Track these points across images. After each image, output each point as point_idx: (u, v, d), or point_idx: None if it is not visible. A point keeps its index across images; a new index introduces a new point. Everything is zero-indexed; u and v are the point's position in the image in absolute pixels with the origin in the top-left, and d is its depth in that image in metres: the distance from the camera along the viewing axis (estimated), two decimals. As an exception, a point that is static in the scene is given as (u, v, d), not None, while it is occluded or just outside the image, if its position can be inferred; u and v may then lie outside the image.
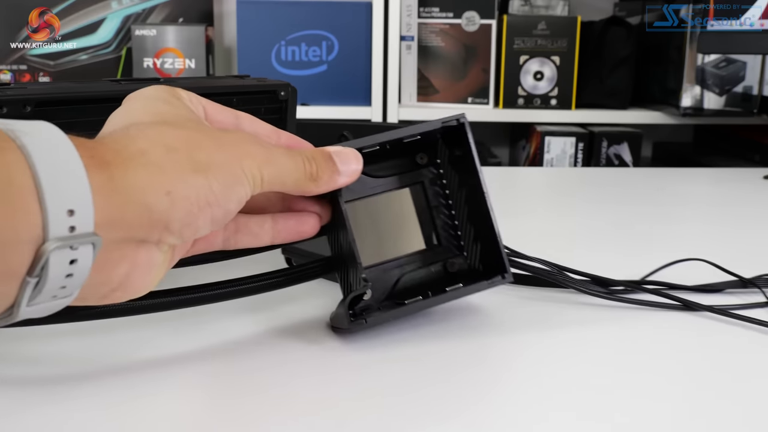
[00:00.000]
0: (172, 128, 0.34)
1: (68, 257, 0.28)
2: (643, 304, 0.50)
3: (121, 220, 0.30)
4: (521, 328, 0.46)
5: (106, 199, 0.29)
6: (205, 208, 0.34)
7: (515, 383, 0.39)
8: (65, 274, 0.29)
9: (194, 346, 0.43)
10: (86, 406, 0.36)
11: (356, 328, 0.42)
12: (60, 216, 0.28)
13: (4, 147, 0.27)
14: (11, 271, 0.28)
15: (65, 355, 0.41)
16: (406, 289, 0.46)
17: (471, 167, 0.46)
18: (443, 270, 0.48)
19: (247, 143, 0.36)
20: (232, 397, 0.37)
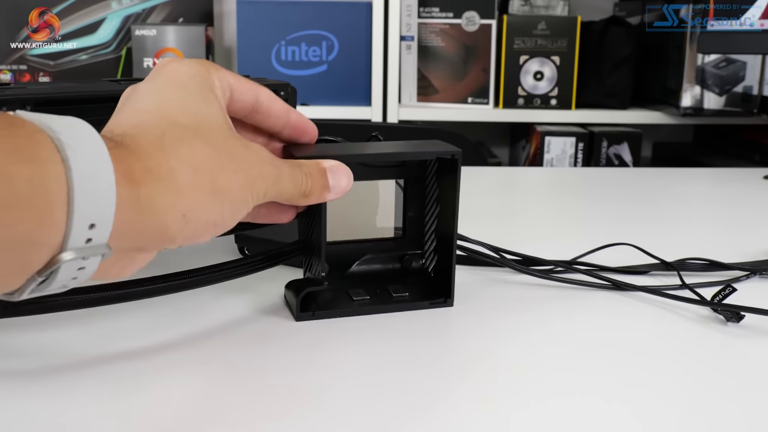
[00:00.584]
0: (202, 144, 0.35)
1: (78, 265, 0.30)
2: (575, 283, 0.55)
3: (136, 235, 0.32)
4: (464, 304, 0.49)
5: (127, 215, 0.31)
6: (211, 228, 0.36)
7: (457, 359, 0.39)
8: (71, 277, 0.30)
9: (175, 334, 0.43)
10: (68, 396, 0.36)
11: (304, 319, 0.46)
12: (82, 230, 0.29)
13: (48, 158, 0.28)
14: (26, 270, 0.29)
15: (44, 347, 0.41)
16: (360, 275, 0.50)
17: (452, 196, 0.48)
18: (399, 264, 0.51)
19: (262, 164, 0.38)
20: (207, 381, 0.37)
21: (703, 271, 0.58)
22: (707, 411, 0.37)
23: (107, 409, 0.36)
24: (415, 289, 0.49)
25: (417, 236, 0.51)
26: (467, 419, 0.35)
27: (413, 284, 0.50)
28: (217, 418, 0.35)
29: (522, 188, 1.05)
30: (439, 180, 0.49)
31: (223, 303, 0.49)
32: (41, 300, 0.38)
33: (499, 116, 1.76)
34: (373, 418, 0.35)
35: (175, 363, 0.41)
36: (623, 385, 0.39)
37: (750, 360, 0.43)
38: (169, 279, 0.43)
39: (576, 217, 0.82)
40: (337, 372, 0.40)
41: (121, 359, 0.41)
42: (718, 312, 0.48)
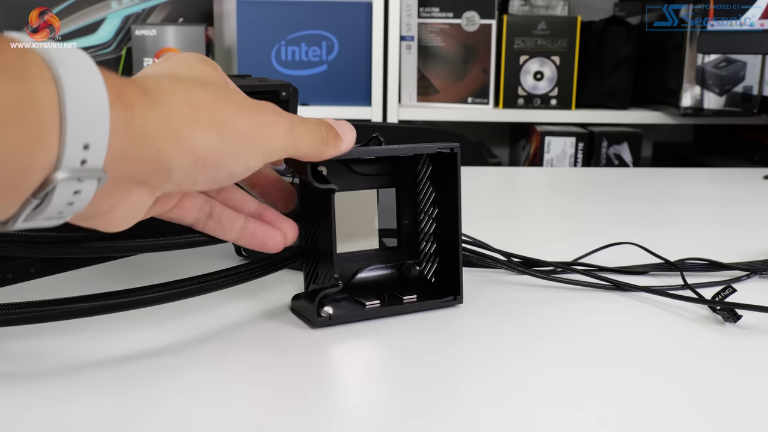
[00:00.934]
0: (201, 87, 0.35)
1: (73, 188, 0.29)
2: (576, 284, 0.55)
3: (130, 161, 0.31)
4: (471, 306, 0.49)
5: (122, 139, 0.30)
6: (210, 166, 0.35)
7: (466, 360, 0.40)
8: (67, 202, 0.30)
9: (176, 338, 0.43)
10: (70, 399, 0.36)
11: (321, 323, 0.45)
12: (75, 150, 0.28)
13: (38, 75, 0.27)
14: (19, 192, 0.28)
15: (45, 350, 0.41)
16: (363, 285, 0.49)
17: (452, 193, 0.48)
18: (398, 273, 0.51)
19: (272, 113, 0.38)
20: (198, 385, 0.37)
21: (702, 271, 0.58)
22: (708, 411, 0.37)
23: (109, 413, 0.36)
24: (420, 293, 0.49)
25: (413, 244, 0.51)
26: (480, 421, 0.35)
27: (417, 290, 0.49)
28: (218, 419, 0.35)
29: (522, 188, 1.05)
30: (436, 181, 0.49)
31: (227, 306, 0.49)
32: (38, 308, 0.38)
33: (499, 116, 1.76)
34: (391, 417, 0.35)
35: (177, 365, 0.41)
36: (626, 386, 0.39)
37: (750, 360, 0.43)
38: (169, 287, 0.43)
39: (576, 217, 0.82)
40: (352, 376, 0.40)
41: (121, 361, 0.41)
42: (717, 312, 0.49)
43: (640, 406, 0.37)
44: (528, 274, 0.55)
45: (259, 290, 0.51)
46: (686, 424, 0.35)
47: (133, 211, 0.35)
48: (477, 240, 0.57)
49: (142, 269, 0.57)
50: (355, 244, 0.49)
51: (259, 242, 0.43)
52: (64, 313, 0.39)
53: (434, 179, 0.49)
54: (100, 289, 0.40)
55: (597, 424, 0.35)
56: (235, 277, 0.45)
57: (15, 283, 0.52)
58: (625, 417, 0.36)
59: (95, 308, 0.40)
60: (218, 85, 0.37)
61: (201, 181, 0.35)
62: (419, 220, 0.51)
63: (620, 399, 0.38)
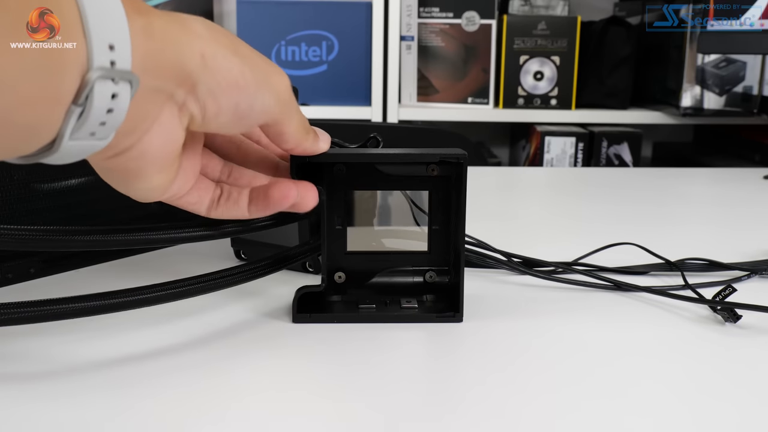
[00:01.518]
0: (221, 32, 0.36)
1: (110, 90, 0.30)
2: (577, 284, 0.55)
3: (155, 67, 0.32)
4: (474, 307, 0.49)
5: (144, 43, 0.31)
6: (234, 89, 0.35)
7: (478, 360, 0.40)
8: (107, 108, 0.30)
9: (172, 340, 0.43)
10: (70, 399, 0.36)
11: (300, 321, 0.45)
12: (102, 48, 0.29)
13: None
14: (59, 97, 0.29)
15: (46, 351, 0.41)
16: (380, 286, 0.49)
17: (457, 205, 0.47)
18: (422, 279, 0.49)
19: (280, 75, 0.38)
20: (197, 384, 0.37)
21: (702, 271, 0.58)
22: (708, 411, 0.37)
23: (109, 413, 0.36)
24: (429, 304, 0.48)
25: (442, 251, 0.49)
26: (474, 423, 0.35)
27: (431, 299, 0.48)
28: (217, 420, 0.35)
29: (522, 188, 1.05)
30: (455, 189, 0.47)
31: (227, 307, 0.49)
32: (38, 308, 0.38)
33: (499, 116, 1.76)
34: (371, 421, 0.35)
35: (177, 366, 0.41)
36: (627, 386, 0.39)
37: (751, 360, 0.43)
38: (169, 287, 0.42)
39: (576, 217, 0.82)
40: (324, 377, 0.40)
41: (121, 362, 0.41)
42: (717, 312, 0.49)
43: (641, 405, 0.37)
44: (528, 274, 0.55)
45: (259, 290, 0.51)
46: (686, 424, 0.35)
47: (167, 139, 0.35)
48: (477, 240, 0.57)
49: (142, 269, 0.57)
50: (369, 243, 0.49)
51: (264, 198, 0.42)
52: (64, 312, 0.39)
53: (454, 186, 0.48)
54: (100, 289, 0.40)
55: (597, 423, 0.35)
56: (235, 277, 0.45)
57: (15, 283, 0.52)
58: (625, 417, 0.36)
59: (95, 308, 0.40)
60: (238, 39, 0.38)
61: (224, 105, 0.35)
62: (449, 225, 0.48)
63: (620, 399, 0.38)
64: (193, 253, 0.59)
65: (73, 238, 0.39)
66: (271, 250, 0.49)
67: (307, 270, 0.55)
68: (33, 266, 0.53)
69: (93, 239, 0.40)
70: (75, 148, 0.31)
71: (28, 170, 0.51)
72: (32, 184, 0.52)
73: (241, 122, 0.37)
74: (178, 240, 0.43)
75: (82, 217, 0.55)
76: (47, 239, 0.38)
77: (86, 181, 0.55)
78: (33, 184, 0.52)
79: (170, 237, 0.42)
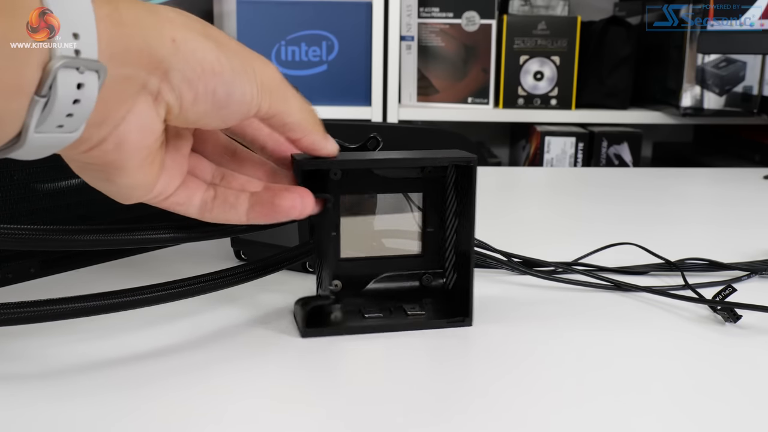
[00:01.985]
0: (195, 20, 0.35)
1: (75, 80, 0.29)
2: (577, 284, 0.55)
3: (124, 54, 0.31)
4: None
5: (111, 29, 0.31)
6: (209, 75, 0.34)
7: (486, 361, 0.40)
8: (73, 98, 0.30)
9: (168, 341, 0.43)
10: (66, 401, 0.36)
11: (310, 335, 0.44)
12: (65, 38, 0.29)
13: None
14: (20, 87, 0.29)
15: (43, 351, 0.41)
16: (377, 292, 0.47)
17: (469, 207, 0.46)
18: (417, 282, 0.49)
19: (267, 63, 0.38)
20: (197, 389, 0.37)
21: (702, 271, 0.58)
22: (708, 411, 0.37)
23: (109, 413, 0.36)
24: (432, 308, 0.47)
25: (437, 254, 0.48)
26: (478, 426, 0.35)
27: (431, 303, 0.48)
28: (217, 421, 0.35)
29: (522, 188, 1.05)
30: (458, 192, 0.48)
31: (227, 307, 0.49)
32: (38, 308, 0.38)
33: (499, 116, 1.76)
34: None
35: (177, 366, 0.41)
36: (627, 386, 0.39)
37: (750, 359, 0.43)
38: (169, 287, 0.42)
39: (576, 217, 0.82)
40: (336, 389, 0.40)
41: (121, 362, 0.41)
42: (717, 312, 0.49)
43: (641, 405, 0.37)
44: (529, 274, 0.55)
45: (259, 291, 0.51)
46: (686, 423, 0.35)
47: (144, 130, 0.34)
48: (478, 240, 0.57)
49: (142, 269, 0.57)
50: (370, 248, 0.48)
51: (270, 206, 0.41)
52: (64, 312, 0.39)
53: (457, 187, 0.48)
54: (100, 289, 0.40)
55: (597, 423, 0.35)
56: (235, 277, 0.45)
57: (15, 283, 0.52)
58: (626, 416, 0.36)
59: (95, 308, 0.40)
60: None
61: (201, 92, 0.34)
62: (445, 228, 0.48)
63: (621, 398, 0.38)
64: (193, 253, 0.59)
65: (73, 238, 0.39)
66: (271, 250, 0.49)
67: (307, 270, 0.55)
68: (33, 266, 0.53)
69: (93, 239, 0.40)
70: (43, 141, 0.30)
71: (28, 170, 0.51)
72: (32, 184, 0.52)
73: (222, 112, 0.36)
74: (178, 240, 0.42)
75: (82, 217, 0.55)
76: (47, 239, 0.38)
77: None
78: (33, 184, 0.52)
79: (170, 237, 0.42)
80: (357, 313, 0.46)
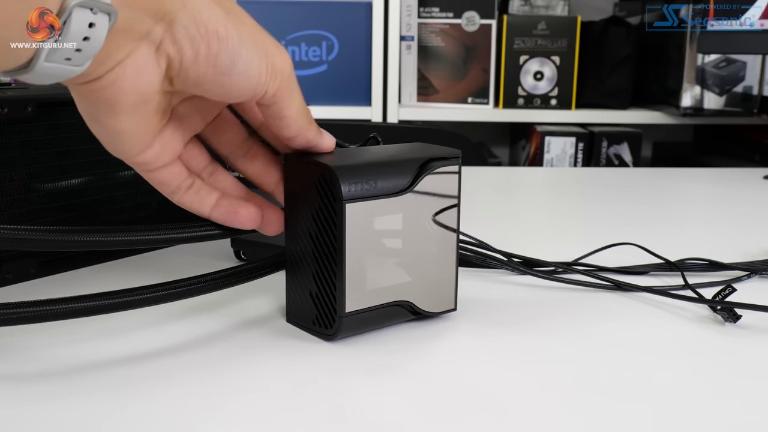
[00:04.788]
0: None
1: (88, 19, 0.31)
2: (577, 284, 0.55)
3: (134, 2, 0.33)
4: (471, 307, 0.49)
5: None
6: (213, 38, 0.35)
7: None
8: (83, 35, 0.31)
9: (164, 343, 0.43)
10: (64, 401, 0.36)
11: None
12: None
13: None
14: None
15: (41, 351, 0.41)
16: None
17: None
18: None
19: (282, 51, 0.39)
20: (200, 392, 0.37)
21: (703, 271, 0.58)
22: (708, 410, 0.37)
23: (109, 413, 0.36)
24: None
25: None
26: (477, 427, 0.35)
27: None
28: (217, 421, 0.35)
29: (522, 188, 1.05)
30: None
31: (227, 307, 0.49)
32: (38, 308, 0.38)
33: (499, 116, 1.76)
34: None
35: (177, 367, 0.41)
36: (627, 385, 0.39)
37: (750, 359, 0.43)
38: (169, 287, 0.42)
39: (576, 217, 0.82)
40: (336, 389, 0.40)
41: (121, 362, 0.41)
42: (717, 312, 0.49)
43: (640, 405, 0.37)
44: (529, 274, 0.55)
45: (258, 290, 0.51)
46: (687, 423, 0.35)
47: (141, 74, 0.35)
48: (478, 240, 0.57)
49: (142, 269, 0.57)
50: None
51: (228, 213, 0.42)
52: (64, 312, 0.39)
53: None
54: (100, 289, 0.40)
55: (597, 422, 0.35)
56: (235, 277, 0.45)
57: (15, 283, 0.52)
58: (625, 416, 0.36)
59: (95, 308, 0.40)
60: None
61: (202, 53, 0.35)
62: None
63: (620, 398, 0.38)
64: (193, 253, 0.59)
65: (73, 238, 0.39)
66: (271, 251, 0.49)
67: None
68: (33, 266, 0.53)
69: (93, 239, 0.40)
70: (50, 69, 0.32)
71: (28, 170, 0.51)
72: (32, 184, 0.52)
73: (224, 80, 0.36)
74: (178, 240, 0.43)
75: (82, 217, 0.55)
76: (47, 239, 0.38)
77: (86, 181, 0.55)
78: (33, 184, 0.52)
79: (170, 237, 0.42)
80: None
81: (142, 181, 0.42)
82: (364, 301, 0.42)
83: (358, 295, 0.42)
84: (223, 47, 0.35)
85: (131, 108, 0.36)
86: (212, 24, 0.35)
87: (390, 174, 0.43)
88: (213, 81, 0.36)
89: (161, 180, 0.40)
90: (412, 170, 0.43)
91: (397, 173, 0.43)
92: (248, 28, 0.37)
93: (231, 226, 0.43)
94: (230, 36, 0.36)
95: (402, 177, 0.43)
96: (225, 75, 0.36)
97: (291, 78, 0.39)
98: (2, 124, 0.49)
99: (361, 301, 0.42)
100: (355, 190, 0.41)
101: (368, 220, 0.42)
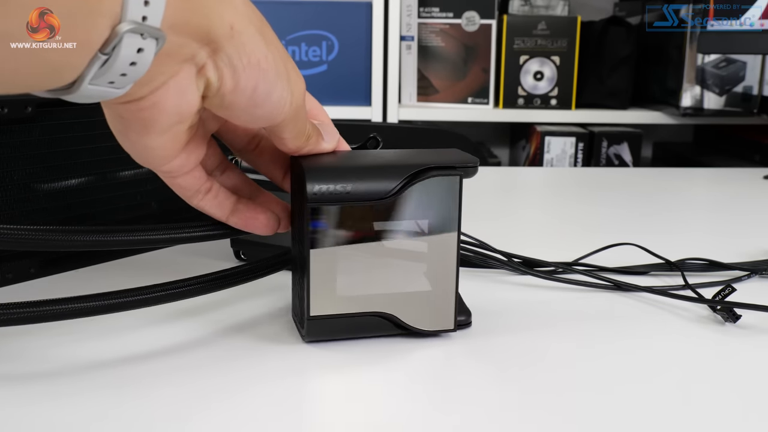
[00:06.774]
0: (255, 8, 0.37)
1: (137, 44, 0.31)
2: (577, 284, 0.55)
3: (184, 25, 0.33)
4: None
5: (178, 1, 0.32)
6: (255, 69, 0.36)
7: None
8: (130, 61, 0.31)
9: (163, 344, 0.43)
10: (62, 401, 0.36)
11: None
12: (137, 2, 0.30)
13: None
14: (88, 42, 0.30)
15: (39, 352, 0.41)
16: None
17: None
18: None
19: (301, 78, 0.40)
20: (197, 397, 0.37)
21: (703, 271, 0.58)
22: (707, 410, 0.37)
23: (108, 413, 0.36)
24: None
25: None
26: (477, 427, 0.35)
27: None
28: (217, 421, 0.35)
29: (522, 188, 1.05)
30: None
31: (227, 307, 0.49)
32: (38, 308, 0.38)
33: (499, 116, 1.76)
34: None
35: (177, 367, 0.41)
36: (627, 385, 0.39)
37: (750, 359, 0.43)
38: (169, 287, 0.42)
39: (576, 217, 0.82)
40: (334, 390, 0.40)
41: (121, 362, 0.41)
42: (717, 312, 0.49)
43: (640, 405, 0.37)
44: (529, 274, 0.55)
45: (259, 291, 0.51)
46: (686, 423, 0.35)
47: (182, 96, 0.35)
48: (478, 240, 0.57)
49: (142, 269, 0.57)
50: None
51: (248, 219, 0.43)
52: (64, 312, 0.39)
53: None
54: (100, 289, 0.40)
55: (597, 423, 0.35)
56: (235, 277, 0.45)
57: (15, 283, 0.52)
58: (626, 416, 0.36)
59: (95, 308, 0.40)
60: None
61: (242, 83, 0.35)
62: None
63: (620, 398, 0.38)
64: (193, 253, 0.59)
65: (73, 238, 0.39)
66: (271, 251, 0.49)
67: None
68: (33, 266, 0.53)
69: (93, 239, 0.40)
70: (92, 91, 0.32)
71: (28, 170, 0.51)
72: (32, 184, 0.52)
73: (256, 111, 0.37)
74: (178, 240, 0.43)
75: (82, 217, 0.55)
76: (47, 239, 0.38)
77: (86, 181, 0.55)
78: (33, 184, 0.52)
79: (170, 237, 0.42)
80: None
81: (142, 181, 0.42)
82: (333, 307, 0.42)
83: (324, 300, 0.42)
84: (262, 79, 0.36)
85: (167, 128, 0.36)
86: (255, 56, 0.35)
87: (372, 179, 0.41)
88: (245, 110, 0.37)
89: (183, 185, 0.40)
90: (399, 177, 0.42)
91: (380, 179, 0.42)
92: (281, 57, 0.37)
93: (250, 231, 0.43)
94: (270, 68, 0.36)
95: (386, 183, 0.42)
96: (258, 106, 0.37)
97: (302, 106, 0.40)
98: (2, 124, 0.49)
99: (329, 306, 0.42)
100: (323, 192, 0.40)
101: (340, 223, 0.41)
